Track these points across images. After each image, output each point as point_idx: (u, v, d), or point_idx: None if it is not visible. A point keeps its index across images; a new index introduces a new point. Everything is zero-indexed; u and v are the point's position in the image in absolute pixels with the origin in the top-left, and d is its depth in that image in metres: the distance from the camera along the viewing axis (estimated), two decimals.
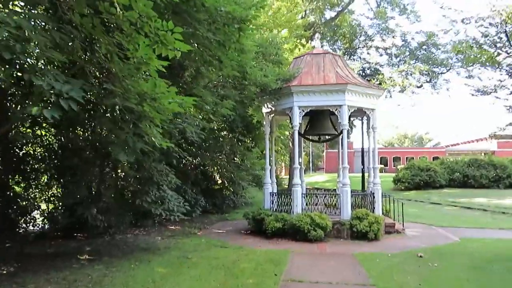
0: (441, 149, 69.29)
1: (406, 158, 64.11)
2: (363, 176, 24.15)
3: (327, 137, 14.50)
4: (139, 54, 4.89)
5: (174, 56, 4.94)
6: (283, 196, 12.25)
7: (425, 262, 8.28)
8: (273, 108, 12.29)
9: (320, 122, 12.94)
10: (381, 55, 30.81)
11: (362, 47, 31.25)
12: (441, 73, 28.81)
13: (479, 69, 25.74)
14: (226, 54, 8.06)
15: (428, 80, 29.23)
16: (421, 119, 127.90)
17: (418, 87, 29.73)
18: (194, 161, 16.42)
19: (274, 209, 12.30)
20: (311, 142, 63.18)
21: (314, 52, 12.71)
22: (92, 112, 8.31)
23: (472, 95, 24.90)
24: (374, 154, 12.36)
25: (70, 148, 9.95)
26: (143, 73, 5.51)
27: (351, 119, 15.50)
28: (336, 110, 11.30)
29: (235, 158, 16.56)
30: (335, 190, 15.08)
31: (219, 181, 17.19)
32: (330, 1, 31.23)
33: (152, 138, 5.58)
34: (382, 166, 63.35)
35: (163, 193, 7.96)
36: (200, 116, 10.87)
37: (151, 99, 5.15)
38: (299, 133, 13.80)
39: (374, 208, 11.72)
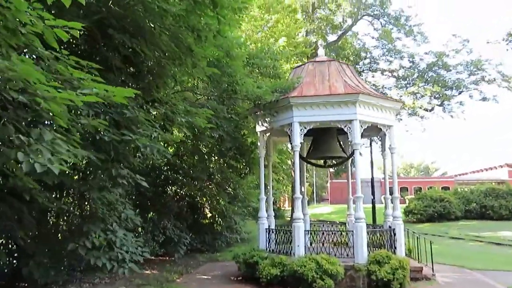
0: (450, 178, 66.74)
1: (414, 188, 61.58)
2: (373, 208, 21.79)
3: (334, 161, 12.32)
4: None
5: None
6: (282, 233, 9.96)
7: None
8: (269, 126, 10.19)
9: (325, 143, 10.81)
10: (388, 77, 29.05)
11: (367, 70, 29.53)
12: (453, 95, 26.88)
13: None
14: (202, 47, 6.05)
15: (440, 103, 27.26)
16: (427, 147, 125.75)
17: (429, 110, 27.75)
18: (181, 191, 14.22)
19: (271, 249, 9.99)
20: (314, 172, 60.57)
21: (317, 60, 10.75)
22: None
23: None
24: (393, 181, 10.12)
25: None
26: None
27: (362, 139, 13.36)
28: (345, 126, 9.19)
29: (227, 188, 14.34)
30: (344, 224, 12.77)
31: (209, 215, 14.90)
32: (332, 24, 29.85)
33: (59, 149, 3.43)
34: (389, 196, 60.76)
35: (110, 235, 5.79)
36: (175, 131, 8.83)
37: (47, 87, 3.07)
38: (301, 156, 11.63)
39: (395, 248, 9.40)
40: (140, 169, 9.24)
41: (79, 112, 4.35)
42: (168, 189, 13.57)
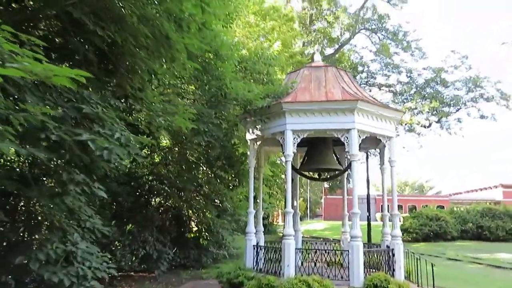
0: (445, 197, 66.27)
1: (408, 206, 60.92)
2: (369, 225, 21.04)
3: (329, 174, 11.56)
4: None
5: None
6: (271, 251, 9.13)
7: None
8: (260, 134, 9.44)
9: (320, 154, 10.05)
10: (385, 92, 28.52)
11: (364, 84, 29.01)
12: (451, 112, 26.35)
13: None
14: (183, 37, 5.31)
15: (437, 120, 26.70)
16: (423, 165, 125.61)
17: (426, 127, 27.17)
18: (166, 202, 13.36)
19: (259, 269, 9.14)
20: (309, 188, 59.70)
21: (314, 65, 10.09)
22: None
23: None
24: (393, 197, 9.36)
25: None
26: None
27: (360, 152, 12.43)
28: (342, 136, 8.46)
29: (216, 200, 13.49)
30: (338, 241, 11.96)
31: (195, 228, 14.00)
32: (329, 37, 29.43)
33: None
34: (388, 214, 59.86)
35: (70, 247, 4.93)
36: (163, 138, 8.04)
37: None
38: (294, 168, 10.87)
39: (394, 270, 8.59)
40: (116, 176, 8.43)
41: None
42: (152, 200, 12.71)
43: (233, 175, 11.64)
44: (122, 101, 5.44)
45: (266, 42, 15.90)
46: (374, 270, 8.48)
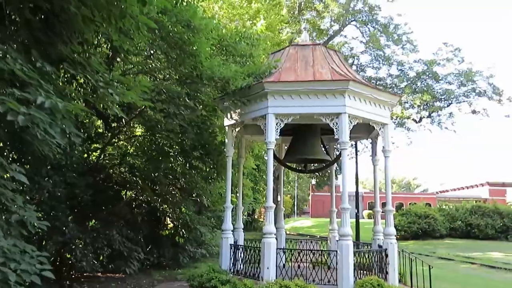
0: (432, 195, 66.14)
1: (395, 204, 60.62)
2: (357, 223, 20.17)
3: (315, 166, 10.57)
4: None
5: None
6: (250, 251, 8.11)
7: None
8: (239, 119, 8.39)
9: (306, 143, 9.04)
10: (375, 85, 27.64)
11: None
12: (443, 107, 25.58)
13: None
14: None
15: (428, 114, 25.91)
16: (411, 162, 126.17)
17: (417, 121, 26.38)
18: (139, 196, 12.22)
19: (237, 270, 8.13)
20: (296, 184, 58.85)
21: (300, 44, 9.06)
22: None
23: None
24: (387, 190, 8.39)
25: None
26: None
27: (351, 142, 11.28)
28: (331, 121, 7.45)
29: (193, 195, 12.40)
30: (326, 239, 11.00)
31: (171, 225, 12.89)
32: (319, 29, 28.44)
33: None
34: (371, 211, 59.49)
35: None
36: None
37: None
38: (277, 159, 9.86)
39: (387, 273, 7.65)
40: (68, 164, 7.30)
41: None
42: (122, 194, 11.56)
43: (211, 166, 10.55)
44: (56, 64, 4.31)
45: (249, 21, 14.79)
46: (364, 273, 7.54)
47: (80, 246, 8.99)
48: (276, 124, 7.55)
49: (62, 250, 8.90)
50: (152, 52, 8.62)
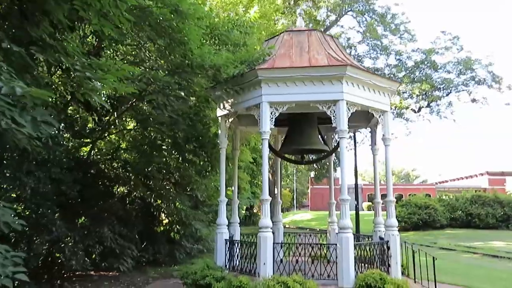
0: (431, 186, 66.03)
1: (395, 195, 60.44)
2: (357, 215, 19.91)
3: (312, 157, 10.23)
4: None
5: None
6: (246, 246, 7.79)
7: None
8: (232, 109, 8.03)
9: (303, 132, 8.68)
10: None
11: None
12: (442, 96, 25.22)
13: None
14: None
15: (427, 104, 25.56)
16: (410, 152, 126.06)
17: (416, 111, 26.03)
18: (133, 192, 11.88)
19: (233, 266, 7.83)
20: (295, 177, 58.46)
21: (295, 29, 8.69)
22: None
23: None
24: (387, 180, 8.06)
25: None
26: None
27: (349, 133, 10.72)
28: (328, 108, 7.10)
29: (188, 189, 12.06)
30: (325, 232, 10.70)
31: (165, 221, 12.56)
32: (315, 20, 27.98)
33: None
34: (370, 203, 59.33)
35: None
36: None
37: None
38: (273, 150, 9.53)
39: (389, 266, 7.34)
40: (52, 159, 6.94)
41: None
42: (115, 189, 11.22)
43: (205, 160, 10.20)
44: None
45: (243, 9, 14.35)
46: (366, 266, 7.22)
47: (70, 244, 8.65)
48: (271, 113, 7.20)
49: (52, 248, 8.56)
50: (140, 41, 8.24)
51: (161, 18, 7.10)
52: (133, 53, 8.52)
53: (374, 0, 27.71)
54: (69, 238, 8.40)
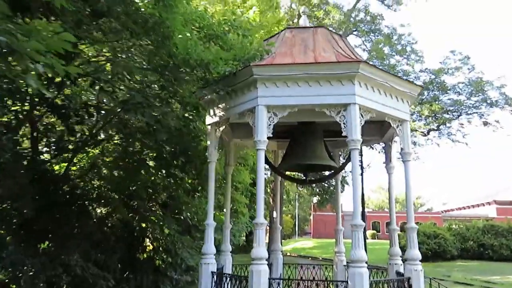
0: (437, 214, 64.07)
1: (399, 223, 58.51)
2: (364, 243, 18.40)
3: (317, 175, 8.92)
4: None
5: None
6: (236, 281, 6.40)
7: None
8: (224, 115, 6.81)
9: (306, 146, 7.42)
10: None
11: None
12: (452, 119, 24.06)
13: None
14: None
15: (436, 127, 24.36)
16: (413, 180, 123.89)
17: (424, 134, 24.82)
18: (113, 214, 10.55)
19: None
20: (297, 203, 56.74)
21: (299, 27, 7.59)
22: None
23: None
24: (407, 203, 6.76)
25: None
26: None
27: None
28: (337, 114, 5.86)
29: (176, 211, 10.72)
30: (331, 262, 9.32)
31: (150, 247, 11.15)
32: None
33: None
34: (374, 231, 57.26)
35: None
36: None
37: None
38: (272, 166, 8.26)
39: None
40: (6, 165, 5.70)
41: None
42: (91, 209, 9.90)
43: (194, 177, 8.92)
44: None
45: (241, 8, 13.38)
46: None
47: (31, 273, 7.28)
48: (269, 119, 5.97)
49: (7, 280, 7.20)
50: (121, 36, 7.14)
51: (142, 7, 6.06)
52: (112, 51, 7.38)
53: (380, 19, 27.07)
54: (26, 268, 7.03)
